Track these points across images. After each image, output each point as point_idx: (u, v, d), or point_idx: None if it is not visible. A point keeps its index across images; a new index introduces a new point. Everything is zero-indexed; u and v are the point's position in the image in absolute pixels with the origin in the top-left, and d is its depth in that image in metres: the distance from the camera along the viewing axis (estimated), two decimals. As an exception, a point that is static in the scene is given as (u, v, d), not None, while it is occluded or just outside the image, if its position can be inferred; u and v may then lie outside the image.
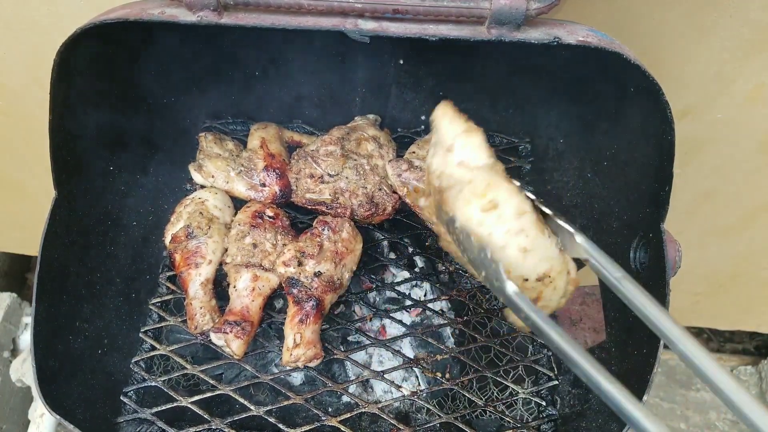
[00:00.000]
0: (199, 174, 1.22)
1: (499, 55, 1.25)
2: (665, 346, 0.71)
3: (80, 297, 1.08)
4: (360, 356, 1.18)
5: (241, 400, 1.05)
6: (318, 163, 1.18)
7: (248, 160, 1.21)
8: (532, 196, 0.75)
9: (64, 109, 0.98)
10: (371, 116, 1.33)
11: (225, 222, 1.17)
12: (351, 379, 1.14)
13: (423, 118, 1.39)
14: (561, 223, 0.74)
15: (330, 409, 1.14)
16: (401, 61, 1.28)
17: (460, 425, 1.04)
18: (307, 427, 1.02)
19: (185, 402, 1.05)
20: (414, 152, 1.21)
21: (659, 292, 0.92)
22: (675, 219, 0.99)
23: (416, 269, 1.29)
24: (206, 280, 1.11)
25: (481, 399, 1.08)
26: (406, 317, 1.22)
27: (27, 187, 1.92)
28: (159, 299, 1.19)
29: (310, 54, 1.28)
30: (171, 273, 1.20)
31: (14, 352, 2.29)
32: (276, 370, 1.16)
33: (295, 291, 1.05)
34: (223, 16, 0.83)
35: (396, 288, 1.21)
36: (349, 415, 1.05)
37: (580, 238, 0.72)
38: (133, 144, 1.24)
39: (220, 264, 1.14)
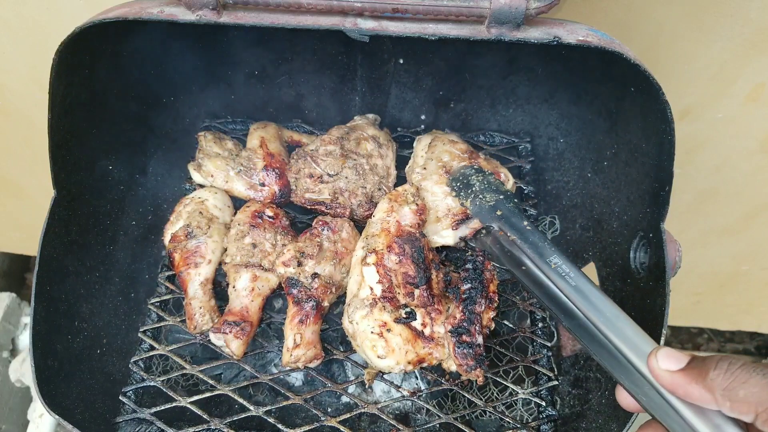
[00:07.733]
0: (198, 173, 1.22)
1: (499, 55, 1.25)
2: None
3: (79, 297, 1.08)
4: (359, 356, 1.18)
5: (241, 400, 1.05)
6: (317, 163, 1.18)
7: (247, 160, 1.21)
8: None
9: (63, 108, 0.98)
10: (371, 116, 1.33)
11: (225, 222, 1.17)
12: (350, 379, 1.14)
13: (423, 117, 1.39)
14: None
15: (329, 410, 1.14)
16: (401, 60, 1.28)
17: (460, 425, 1.04)
18: (307, 428, 1.02)
19: (184, 402, 1.05)
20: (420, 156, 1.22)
21: (659, 292, 0.92)
22: (675, 219, 0.99)
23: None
24: (206, 280, 1.11)
25: (481, 399, 1.07)
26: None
27: (26, 187, 1.92)
28: (158, 299, 1.18)
29: (309, 53, 1.28)
30: (170, 273, 1.20)
31: (13, 352, 2.29)
32: (275, 371, 1.16)
33: (294, 291, 1.05)
34: (222, 15, 0.83)
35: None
36: (348, 415, 1.04)
37: None
38: (133, 143, 1.24)
39: (220, 264, 1.14)
